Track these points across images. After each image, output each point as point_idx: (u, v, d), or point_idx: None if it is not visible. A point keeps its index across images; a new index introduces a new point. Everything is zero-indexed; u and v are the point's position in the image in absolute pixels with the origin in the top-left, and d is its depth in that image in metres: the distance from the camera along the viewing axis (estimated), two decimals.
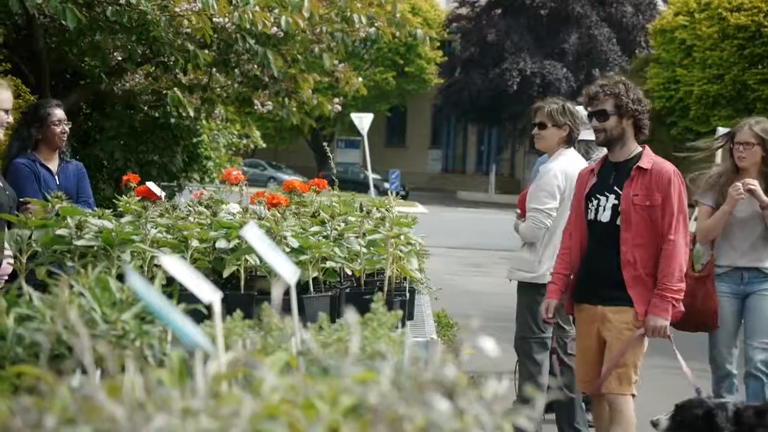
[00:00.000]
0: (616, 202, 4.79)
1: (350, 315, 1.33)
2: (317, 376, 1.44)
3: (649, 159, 4.79)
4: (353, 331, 1.35)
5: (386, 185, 37.27)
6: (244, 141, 15.34)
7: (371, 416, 1.04)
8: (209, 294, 1.51)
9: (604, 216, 4.82)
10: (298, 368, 1.63)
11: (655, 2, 38.87)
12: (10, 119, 4.83)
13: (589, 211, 4.89)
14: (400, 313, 2.23)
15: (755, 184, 5.64)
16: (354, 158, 43.96)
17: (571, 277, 4.93)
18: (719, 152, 6.97)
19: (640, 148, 4.86)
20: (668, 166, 4.78)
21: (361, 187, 29.81)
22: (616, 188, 4.81)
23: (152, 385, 1.03)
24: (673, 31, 29.91)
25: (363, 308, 3.34)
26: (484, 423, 0.96)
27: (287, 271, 1.86)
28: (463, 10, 41.45)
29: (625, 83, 4.87)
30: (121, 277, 2.23)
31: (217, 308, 1.48)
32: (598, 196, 4.88)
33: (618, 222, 4.77)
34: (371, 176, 25.97)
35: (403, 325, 3.43)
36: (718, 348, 5.86)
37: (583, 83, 36.97)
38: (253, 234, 1.85)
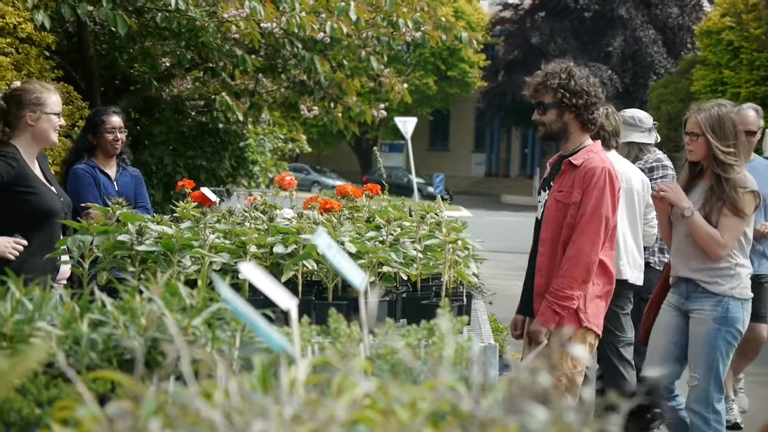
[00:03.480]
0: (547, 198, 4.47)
1: (443, 322, 1.33)
2: (392, 382, 1.44)
3: (585, 154, 4.35)
4: (447, 337, 1.35)
5: (430, 189, 37.27)
6: (290, 145, 15.41)
7: (463, 423, 1.05)
8: (286, 300, 1.52)
9: (539, 214, 4.53)
10: (373, 374, 1.64)
11: (701, 3, 38.49)
12: (62, 122, 4.88)
13: (538, 209, 4.59)
14: (466, 318, 2.24)
15: (668, 190, 4.94)
16: (397, 162, 44.00)
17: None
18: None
19: (588, 142, 4.44)
20: (599, 164, 4.30)
21: (405, 191, 29.82)
22: (551, 183, 4.48)
23: (245, 391, 1.04)
24: (720, 33, 29.58)
25: (420, 313, 3.37)
26: (577, 430, 0.96)
27: (357, 278, 1.87)
28: (507, 13, 41.36)
29: (570, 72, 4.40)
30: (187, 283, 2.25)
31: (294, 314, 1.49)
32: (541, 192, 4.57)
33: None
34: (415, 180, 25.99)
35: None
36: (644, 361, 5.36)
37: (628, 86, 36.82)
38: (323, 240, 1.86)
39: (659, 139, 6.42)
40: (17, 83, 4.97)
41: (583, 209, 4.25)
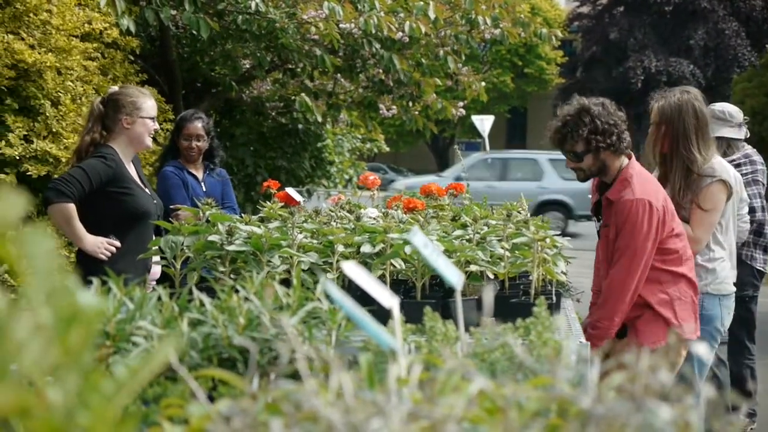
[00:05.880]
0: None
1: (560, 320, 1.32)
2: (506, 380, 1.43)
3: (621, 186, 4.30)
4: (565, 336, 1.34)
5: None
6: (368, 145, 15.46)
7: (582, 422, 1.04)
8: (388, 299, 1.52)
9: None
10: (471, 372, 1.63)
11: None
12: (157, 126, 4.98)
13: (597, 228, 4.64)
14: (562, 317, 2.22)
15: None
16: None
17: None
18: None
19: (625, 162, 4.38)
20: (630, 197, 4.25)
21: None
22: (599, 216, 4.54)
23: (360, 389, 1.04)
24: None
25: (508, 311, 3.34)
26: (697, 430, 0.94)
27: (454, 277, 1.86)
28: (585, 9, 40.89)
29: (589, 112, 4.29)
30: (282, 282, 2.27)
31: (397, 313, 1.49)
32: (596, 218, 4.64)
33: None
34: None
35: None
36: None
37: (711, 80, 36.12)
38: (419, 239, 1.86)
39: (748, 135, 6.29)
40: (115, 88, 5.08)
41: (618, 243, 4.29)
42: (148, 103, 4.90)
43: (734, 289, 5.02)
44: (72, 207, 4.62)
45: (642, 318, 4.36)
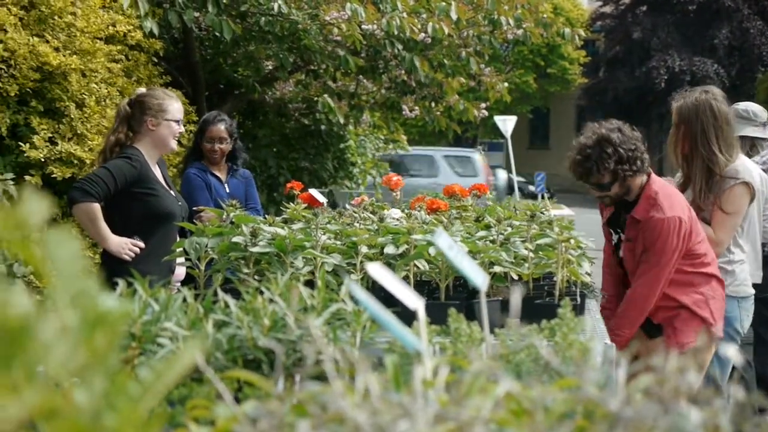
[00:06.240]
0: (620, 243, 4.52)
1: (586, 321, 1.31)
2: (533, 382, 1.43)
3: (647, 205, 4.27)
4: (590, 338, 1.33)
5: (530, 188, 36.97)
6: (391, 146, 15.45)
7: (609, 424, 1.03)
8: (413, 300, 1.52)
9: (620, 252, 4.56)
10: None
11: None
12: (182, 129, 5.00)
13: (612, 239, 4.61)
14: (587, 318, 2.21)
15: None
16: (497, 161, 43.72)
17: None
18: None
19: (645, 179, 4.35)
20: (661, 215, 4.22)
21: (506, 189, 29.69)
22: (620, 231, 4.52)
23: (386, 391, 1.04)
24: None
25: (533, 313, 3.33)
26: None
27: (478, 278, 1.85)
28: (607, 9, 40.73)
29: (611, 141, 4.18)
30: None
31: (422, 315, 1.49)
32: (611, 229, 4.61)
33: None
34: (516, 179, 25.79)
35: None
36: None
37: (735, 80, 35.87)
38: (443, 241, 1.85)
39: None
40: (142, 89, 5.10)
41: (647, 257, 4.28)
42: (174, 105, 4.92)
43: (753, 291, 4.99)
44: (96, 206, 4.64)
45: (679, 317, 4.36)
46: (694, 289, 4.36)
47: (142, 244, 4.65)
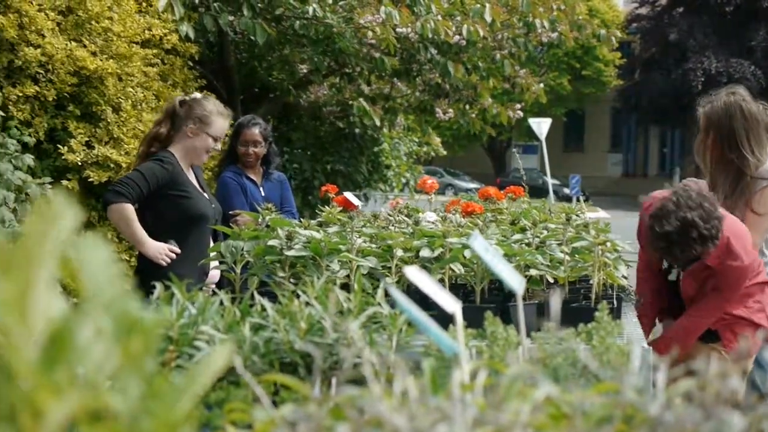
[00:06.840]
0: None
1: (624, 325, 1.30)
2: (572, 386, 1.41)
3: (721, 253, 4.00)
4: (628, 342, 1.32)
5: (565, 190, 36.81)
6: (425, 149, 15.44)
7: (649, 429, 1.02)
8: (451, 304, 1.51)
9: (672, 276, 4.33)
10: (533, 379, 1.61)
11: None
12: (218, 147, 5.01)
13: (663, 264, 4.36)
14: (624, 322, 2.19)
15: None
16: (532, 163, 43.58)
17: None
18: None
19: None
20: (739, 264, 4.02)
21: (540, 192, 29.54)
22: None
23: (424, 395, 1.03)
24: None
25: (569, 316, 3.31)
26: None
27: (515, 281, 1.84)
28: (643, 10, 40.48)
29: (696, 227, 3.85)
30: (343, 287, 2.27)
31: (459, 318, 1.48)
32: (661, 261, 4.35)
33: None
34: (550, 182, 25.67)
35: None
36: None
37: None
38: (479, 244, 1.84)
39: None
40: (198, 95, 5.12)
41: (716, 292, 4.10)
42: (219, 122, 4.91)
43: None
44: (130, 208, 4.65)
45: (738, 324, 4.29)
46: (753, 299, 4.29)
47: (178, 250, 4.67)
